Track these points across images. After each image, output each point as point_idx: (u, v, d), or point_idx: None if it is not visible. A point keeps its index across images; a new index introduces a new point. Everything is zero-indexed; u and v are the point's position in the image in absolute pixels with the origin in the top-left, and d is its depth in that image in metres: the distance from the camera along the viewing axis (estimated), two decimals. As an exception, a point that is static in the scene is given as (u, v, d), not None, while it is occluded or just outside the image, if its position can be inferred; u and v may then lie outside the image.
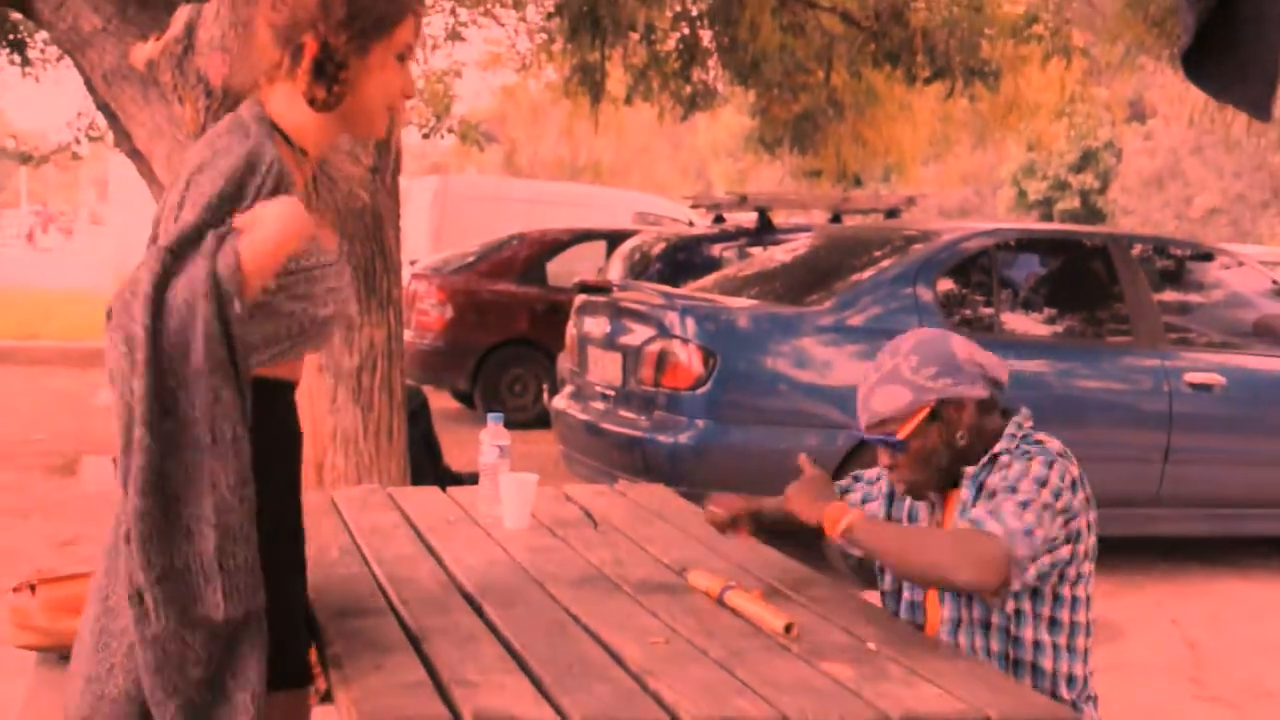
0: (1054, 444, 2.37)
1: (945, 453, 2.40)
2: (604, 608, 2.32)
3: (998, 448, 2.38)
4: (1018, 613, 2.33)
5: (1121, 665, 4.81)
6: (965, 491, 2.39)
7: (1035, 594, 2.32)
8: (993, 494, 2.28)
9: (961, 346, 2.43)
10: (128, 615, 1.89)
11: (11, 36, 7.66)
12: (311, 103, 2.06)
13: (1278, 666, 5.11)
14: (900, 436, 2.38)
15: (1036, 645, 2.33)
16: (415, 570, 2.53)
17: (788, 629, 2.18)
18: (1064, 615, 2.34)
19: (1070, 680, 2.35)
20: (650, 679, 1.95)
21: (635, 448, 5.84)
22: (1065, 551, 2.29)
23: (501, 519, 2.92)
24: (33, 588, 3.06)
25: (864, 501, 2.65)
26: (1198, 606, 5.87)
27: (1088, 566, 2.35)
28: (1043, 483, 2.25)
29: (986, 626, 2.35)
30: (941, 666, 2.07)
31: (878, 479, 2.67)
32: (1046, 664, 2.34)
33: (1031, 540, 2.18)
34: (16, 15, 6.92)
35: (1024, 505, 2.20)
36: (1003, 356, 2.56)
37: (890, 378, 2.41)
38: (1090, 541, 2.35)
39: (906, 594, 2.53)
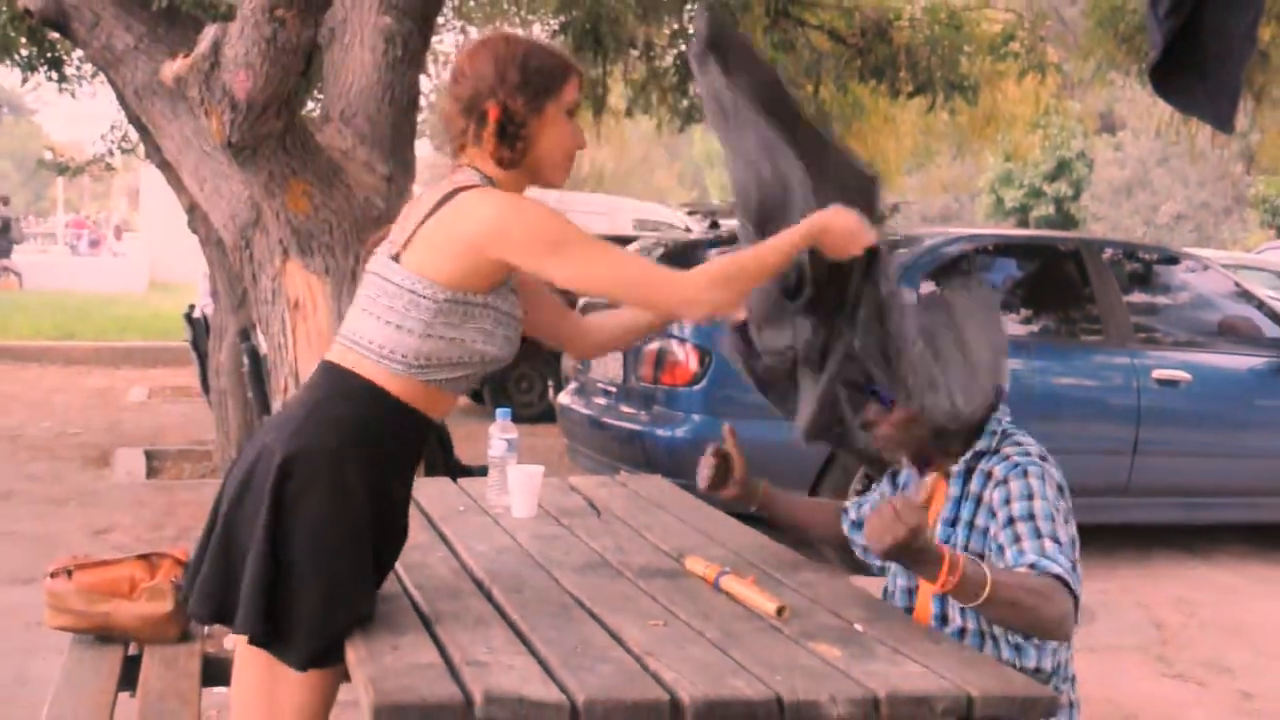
0: (1032, 445, 2.35)
1: (924, 426, 2.38)
2: (606, 592, 2.32)
3: (980, 445, 2.36)
4: None
5: (1094, 646, 4.80)
6: (952, 488, 2.38)
7: None
8: (1010, 520, 2.23)
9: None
10: None
11: (50, 55, 7.63)
12: (499, 162, 2.18)
13: (1239, 646, 5.12)
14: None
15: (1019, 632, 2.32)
16: (428, 557, 2.52)
17: (779, 612, 2.17)
18: None
19: (1051, 663, 2.35)
20: (650, 659, 1.94)
21: (635, 441, 5.84)
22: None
23: (510, 509, 2.91)
24: (69, 573, 3.06)
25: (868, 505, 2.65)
26: (1165, 590, 5.87)
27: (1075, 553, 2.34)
28: (1054, 506, 2.23)
29: (973, 614, 2.33)
30: (925, 647, 2.07)
31: (879, 485, 2.66)
32: (1029, 648, 2.33)
33: (1079, 576, 2.17)
34: (54, 35, 6.91)
35: (1057, 541, 2.17)
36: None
37: None
38: (1073, 527, 2.34)
39: (902, 580, 2.50)
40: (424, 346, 2.12)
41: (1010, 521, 2.22)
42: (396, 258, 2.15)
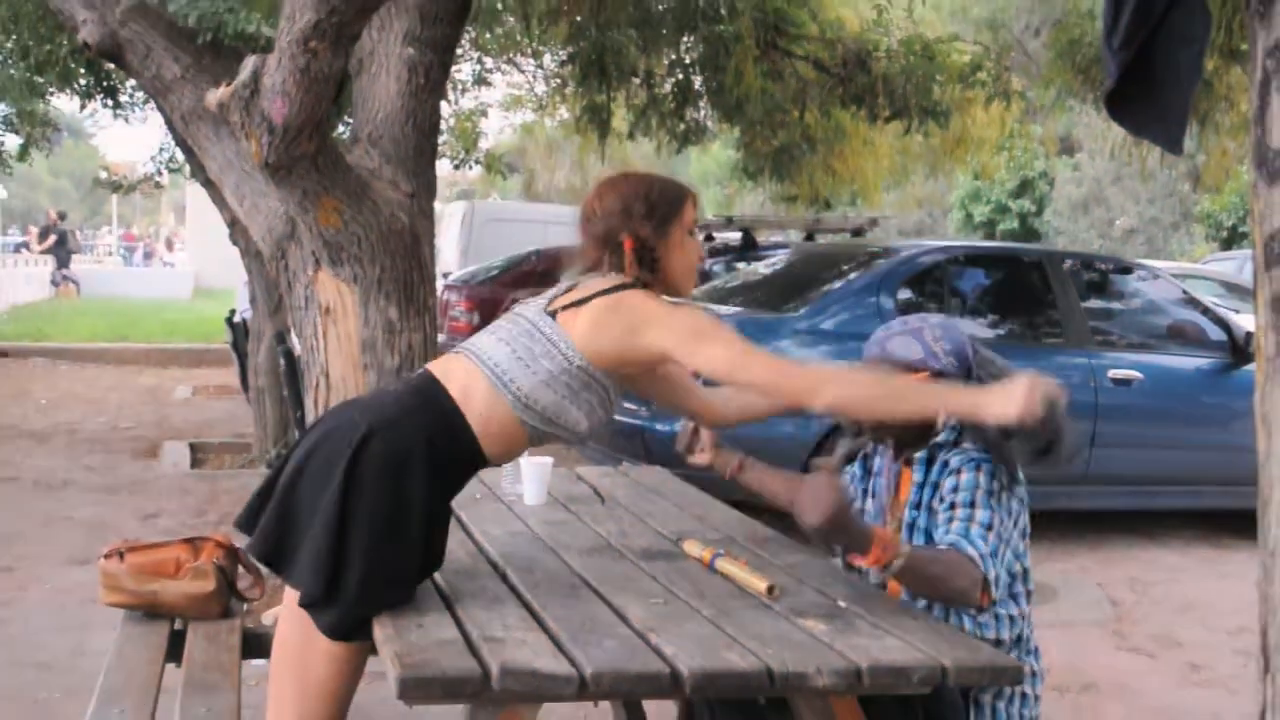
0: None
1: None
2: (611, 573, 2.32)
3: (941, 437, 2.36)
4: None
5: (1054, 622, 4.79)
6: (916, 475, 2.37)
7: None
8: (951, 505, 2.23)
9: (972, 350, 2.43)
10: None
11: (106, 84, 7.65)
12: (636, 280, 2.25)
13: (1187, 621, 5.11)
14: None
15: (984, 611, 2.31)
16: (448, 541, 2.51)
17: (770, 590, 2.17)
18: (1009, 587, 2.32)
19: (1016, 639, 2.34)
20: (652, 635, 1.94)
21: (637, 435, 5.83)
22: (1022, 544, 2.29)
23: (522, 496, 2.91)
24: (121, 555, 3.06)
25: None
26: (1120, 571, 5.87)
27: (1024, 544, 2.34)
28: (997, 498, 2.23)
29: None
30: (903, 622, 2.06)
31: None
32: (989, 621, 2.32)
33: (996, 561, 2.16)
34: (110, 66, 6.92)
35: (987, 527, 2.18)
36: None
37: (913, 334, 2.41)
38: (1024, 519, 2.33)
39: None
40: (539, 391, 2.17)
41: (951, 506, 2.24)
42: (553, 314, 2.21)
